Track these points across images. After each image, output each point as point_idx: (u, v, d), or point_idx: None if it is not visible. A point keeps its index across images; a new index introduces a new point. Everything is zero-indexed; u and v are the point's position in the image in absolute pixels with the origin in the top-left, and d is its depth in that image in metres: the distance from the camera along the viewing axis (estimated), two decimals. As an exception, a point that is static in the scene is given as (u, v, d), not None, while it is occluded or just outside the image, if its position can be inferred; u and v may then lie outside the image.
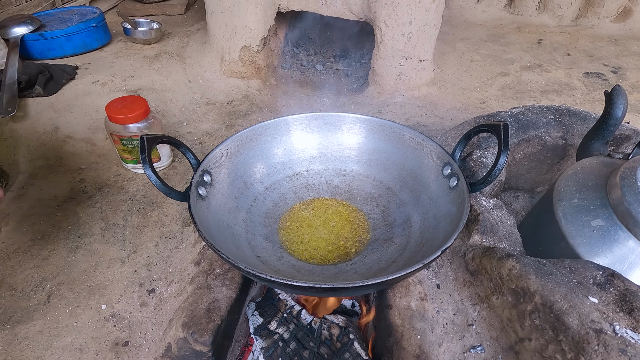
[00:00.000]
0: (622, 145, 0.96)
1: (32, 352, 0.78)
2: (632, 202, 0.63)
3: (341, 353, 0.71)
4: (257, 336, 0.76)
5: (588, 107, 1.62)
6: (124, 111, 1.10)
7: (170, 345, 0.72)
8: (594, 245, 0.67)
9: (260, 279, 0.57)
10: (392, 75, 1.67)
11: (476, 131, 0.76)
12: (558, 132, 1.00)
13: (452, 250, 0.78)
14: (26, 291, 0.89)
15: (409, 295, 0.71)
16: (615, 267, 0.64)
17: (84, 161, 1.27)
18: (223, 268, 0.78)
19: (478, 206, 0.79)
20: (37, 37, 1.61)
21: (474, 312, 0.69)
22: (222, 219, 0.77)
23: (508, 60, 1.95)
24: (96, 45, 1.77)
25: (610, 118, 0.79)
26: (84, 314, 0.85)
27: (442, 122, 1.51)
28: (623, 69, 1.92)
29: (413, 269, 0.57)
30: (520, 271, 0.61)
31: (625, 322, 0.52)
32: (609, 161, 0.79)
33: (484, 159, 0.88)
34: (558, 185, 0.78)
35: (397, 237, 0.81)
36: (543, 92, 1.71)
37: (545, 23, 2.38)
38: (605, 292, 0.56)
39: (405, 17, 1.52)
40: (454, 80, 1.78)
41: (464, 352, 0.65)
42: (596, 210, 0.69)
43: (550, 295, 0.56)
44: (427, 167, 0.84)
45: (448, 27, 2.31)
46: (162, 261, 0.95)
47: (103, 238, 1.01)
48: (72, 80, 1.49)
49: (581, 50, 2.09)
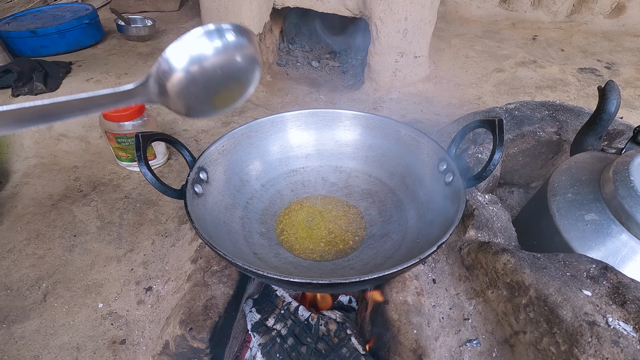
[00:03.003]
0: (616, 140, 0.97)
1: (29, 352, 0.78)
2: (625, 196, 0.64)
3: (339, 348, 0.72)
4: (254, 333, 0.76)
5: (582, 102, 1.63)
6: (119, 109, 1.10)
7: (168, 342, 0.72)
8: (588, 239, 0.68)
9: (258, 275, 0.57)
10: (388, 71, 1.67)
11: (471, 127, 0.76)
12: (552, 127, 1.01)
13: (448, 245, 0.78)
14: (22, 290, 0.88)
15: (406, 290, 0.72)
16: (609, 261, 0.64)
17: (78, 159, 1.27)
18: (220, 265, 0.79)
19: (473, 201, 0.80)
20: (29, 34, 1.60)
21: (470, 306, 0.69)
22: (218, 216, 0.77)
23: (503, 56, 1.96)
24: (89, 42, 1.76)
25: (604, 113, 0.80)
26: (81, 312, 0.85)
27: (438, 118, 1.51)
28: (616, 64, 1.93)
29: (409, 264, 0.57)
30: (515, 265, 0.62)
31: (617, 314, 0.52)
32: (602, 156, 0.80)
33: (479, 155, 0.89)
34: (552, 180, 0.79)
35: (393, 233, 0.81)
36: (537, 88, 1.72)
37: (539, 19, 2.39)
38: (598, 285, 0.57)
39: (401, 13, 1.52)
40: (450, 77, 1.79)
41: (460, 346, 0.65)
42: (590, 204, 0.70)
43: (544, 288, 0.57)
44: (422, 163, 0.84)
45: (443, 24, 2.31)
46: (158, 259, 0.95)
47: (99, 236, 1.01)
48: (66, 78, 1.47)
49: (575, 46, 2.10)
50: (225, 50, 0.39)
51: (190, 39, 0.38)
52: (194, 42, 0.38)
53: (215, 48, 0.38)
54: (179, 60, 0.38)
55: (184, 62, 0.38)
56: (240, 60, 0.41)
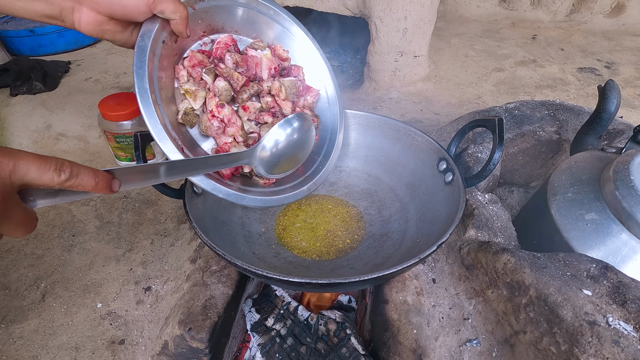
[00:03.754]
0: (616, 139, 0.97)
1: (28, 352, 0.77)
2: (625, 196, 0.64)
3: (338, 348, 0.72)
4: (254, 332, 0.76)
5: (582, 102, 1.63)
6: (118, 108, 1.09)
7: (167, 342, 0.72)
8: (588, 238, 0.68)
9: (257, 275, 0.57)
10: (388, 71, 1.67)
11: (471, 126, 0.76)
12: (552, 126, 1.00)
13: (448, 245, 0.78)
14: (20, 290, 0.88)
15: (405, 290, 0.72)
16: (609, 260, 0.64)
17: (77, 159, 1.26)
18: (219, 265, 0.78)
19: (473, 201, 0.80)
20: (27, 34, 1.59)
21: (470, 306, 0.69)
22: (217, 216, 0.77)
23: (503, 55, 1.96)
24: (88, 41, 1.75)
25: (604, 113, 0.79)
26: (80, 312, 0.84)
27: (438, 117, 1.51)
28: (616, 64, 1.93)
29: (409, 264, 0.57)
30: (515, 265, 0.62)
31: (618, 313, 0.52)
32: (602, 155, 0.80)
33: (479, 154, 0.89)
34: (552, 179, 0.79)
35: (393, 233, 0.81)
36: (537, 87, 1.72)
37: (539, 18, 2.38)
38: (598, 285, 0.57)
39: (400, 12, 1.52)
40: (449, 76, 1.79)
41: (460, 346, 0.65)
42: (590, 204, 0.70)
43: (544, 288, 0.56)
44: (422, 162, 0.84)
45: (443, 23, 2.31)
46: (157, 259, 0.95)
47: (98, 236, 1.01)
48: (65, 77, 1.47)
49: (575, 45, 2.10)
50: (292, 131, 0.70)
51: (275, 129, 0.68)
52: (277, 129, 0.68)
53: (287, 134, 0.69)
54: (268, 141, 0.67)
55: (271, 142, 0.68)
56: (302, 134, 0.71)
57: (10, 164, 0.36)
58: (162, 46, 0.62)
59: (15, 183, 0.37)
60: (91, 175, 0.41)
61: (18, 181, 0.37)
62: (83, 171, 0.41)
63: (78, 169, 0.40)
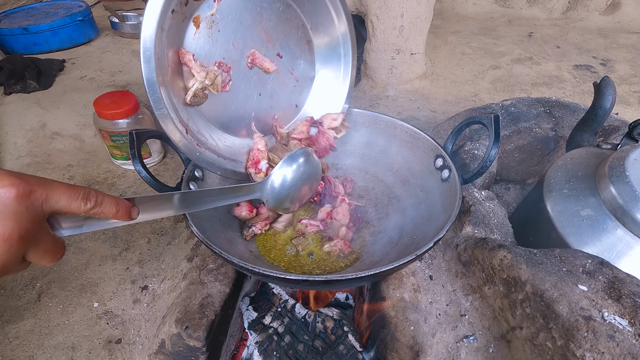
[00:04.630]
0: (611, 136, 0.98)
1: (23, 352, 0.77)
2: (621, 192, 0.64)
3: (336, 345, 0.72)
4: (251, 331, 0.76)
5: (577, 99, 1.64)
6: (113, 107, 1.08)
7: (164, 341, 0.71)
8: (584, 234, 0.68)
9: (254, 273, 0.57)
10: (384, 68, 1.67)
11: (467, 123, 0.76)
12: (548, 123, 1.01)
13: (445, 241, 0.78)
14: (16, 290, 0.87)
15: (403, 287, 0.72)
16: (604, 256, 0.65)
17: (72, 158, 1.25)
18: (216, 263, 0.78)
19: (470, 198, 0.80)
20: (21, 32, 1.58)
21: (467, 302, 0.69)
22: (214, 214, 0.77)
23: (499, 53, 1.96)
24: (83, 39, 1.74)
25: (599, 109, 0.80)
26: (76, 312, 0.84)
27: (434, 115, 1.51)
28: (612, 61, 1.94)
29: (406, 261, 0.57)
30: (512, 261, 0.62)
31: (613, 308, 0.53)
32: (598, 152, 0.80)
33: (475, 151, 0.89)
34: (548, 176, 0.79)
35: (390, 230, 0.81)
36: (533, 84, 1.73)
37: (535, 16, 2.39)
38: (594, 280, 0.57)
39: (397, 10, 1.51)
40: (446, 74, 1.79)
41: (457, 342, 0.65)
42: (585, 200, 0.70)
43: (540, 284, 0.57)
44: (419, 159, 0.84)
45: (439, 21, 2.31)
46: (154, 258, 0.95)
47: (94, 235, 1.00)
48: (60, 76, 1.46)
49: (571, 42, 2.11)
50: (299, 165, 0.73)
51: (281, 164, 0.71)
52: (284, 165, 0.71)
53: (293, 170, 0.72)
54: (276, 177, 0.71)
55: (280, 178, 0.71)
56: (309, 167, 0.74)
57: (44, 194, 0.38)
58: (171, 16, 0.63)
59: (45, 211, 0.39)
60: (113, 203, 0.44)
61: (49, 209, 0.39)
62: (106, 200, 0.43)
63: (102, 197, 0.43)
